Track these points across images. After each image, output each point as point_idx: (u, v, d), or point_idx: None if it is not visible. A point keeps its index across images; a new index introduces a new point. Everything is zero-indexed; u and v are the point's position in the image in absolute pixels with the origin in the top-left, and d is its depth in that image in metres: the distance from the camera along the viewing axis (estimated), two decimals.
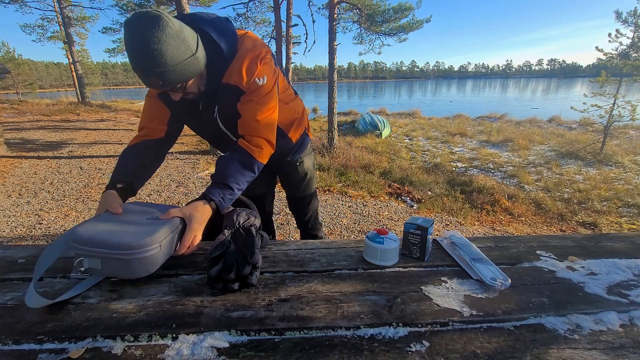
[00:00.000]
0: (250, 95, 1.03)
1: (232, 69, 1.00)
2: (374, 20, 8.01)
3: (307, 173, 1.48)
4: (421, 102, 27.18)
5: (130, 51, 0.82)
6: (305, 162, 1.46)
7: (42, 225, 3.25)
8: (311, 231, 1.62)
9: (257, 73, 1.01)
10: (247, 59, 0.99)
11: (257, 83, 1.02)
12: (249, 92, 1.03)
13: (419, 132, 10.07)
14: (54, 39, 15.08)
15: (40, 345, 0.61)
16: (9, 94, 22.35)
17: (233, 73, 1.00)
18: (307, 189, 1.51)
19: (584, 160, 6.63)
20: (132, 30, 0.81)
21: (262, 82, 1.02)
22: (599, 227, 3.75)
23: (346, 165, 5.75)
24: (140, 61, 0.83)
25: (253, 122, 1.04)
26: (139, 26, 0.80)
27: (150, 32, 0.79)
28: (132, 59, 0.84)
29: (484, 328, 0.66)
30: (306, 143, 1.44)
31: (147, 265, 0.77)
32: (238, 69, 1.00)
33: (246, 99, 1.03)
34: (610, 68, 7.51)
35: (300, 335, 0.64)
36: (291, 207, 1.61)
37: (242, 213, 0.99)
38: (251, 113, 1.03)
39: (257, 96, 1.03)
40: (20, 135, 7.75)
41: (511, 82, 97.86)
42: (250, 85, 1.02)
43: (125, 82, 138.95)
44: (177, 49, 0.83)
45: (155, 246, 0.77)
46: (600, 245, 1.04)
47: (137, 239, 0.75)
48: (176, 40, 0.83)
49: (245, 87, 1.02)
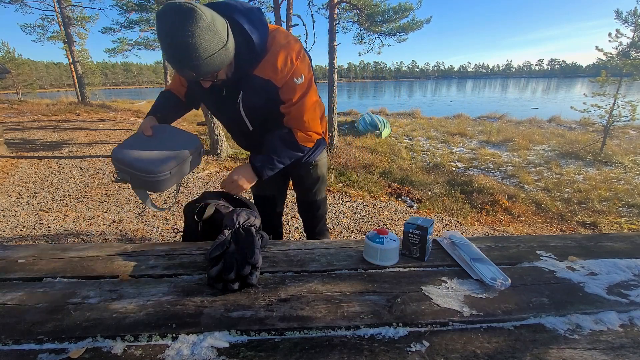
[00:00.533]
0: (290, 94, 1.05)
1: (265, 62, 1.01)
2: (374, 20, 8.01)
3: (319, 177, 1.47)
4: (421, 102, 27.17)
5: (164, 44, 0.83)
6: (319, 166, 1.44)
7: (42, 225, 3.25)
8: (317, 236, 1.61)
9: (294, 72, 1.02)
10: (281, 54, 1.00)
11: (296, 82, 1.04)
12: (286, 91, 1.05)
13: (419, 132, 10.07)
14: (54, 39, 15.06)
15: (40, 345, 0.61)
16: (9, 94, 22.35)
17: (266, 67, 1.01)
18: (318, 193, 1.51)
19: (584, 160, 6.63)
20: (165, 23, 0.81)
21: (300, 80, 1.04)
22: (599, 227, 3.75)
23: (346, 165, 5.75)
24: (175, 54, 0.84)
25: (298, 122, 1.10)
26: (173, 19, 0.80)
27: (183, 26, 0.79)
28: (165, 51, 0.85)
29: (484, 328, 0.66)
30: (322, 146, 1.42)
31: (161, 185, 1.00)
32: (272, 63, 1.00)
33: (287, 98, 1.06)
34: (610, 68, 7.50)
35: (300, 335, 0.64)
36: (300, 210, 1.60)
37: (242, 213, 0.99)
38: (296, 113, 1.09)
39: (298, 96, 1.06)
40: (20, 135, 7.75)
41: (511, 82, 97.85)
42: (287, 83, 1.03)
43: (125, 82, 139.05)
44: (210, 42, 0.84)
45: (166, 173, 0.98)
46: (600, 245, 1.04)
47: (153, 166, 0.96)
48: (209, 33, 0.83)
49: (280, 83, 1.03)
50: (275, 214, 1.61)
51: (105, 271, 0.86)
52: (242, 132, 1.23)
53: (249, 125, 1.17)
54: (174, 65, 0.87)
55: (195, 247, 1.00)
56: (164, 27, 0.82)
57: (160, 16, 0.81)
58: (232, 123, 1.22)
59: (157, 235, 3.09)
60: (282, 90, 1.05)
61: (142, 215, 3.51)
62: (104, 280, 0.82)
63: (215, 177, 4.96)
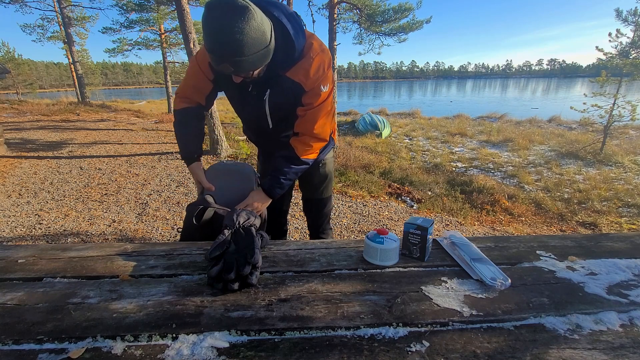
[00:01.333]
0: (312, 99, 1.08)
1: (299, 66, 1.03)
2: (374, 21, 8.02)
3: (327, 175, 1.48)
4: (421, 102, 27.16)
5: (210, 35, 0.83)
6: (327, 165, 1.46)
7: (42, 225, 3.25)
8: (321, 234, 1.62)
9: (323, 80, 1.05)
10: (316, 61, 1.02)
11: (322, 90, 1.07)
12: (311, 96, 1.08)
13: (419, 132, 10.06)
14: (54, 39, 15.06)
15: (40, 345, 0.61)
16: (9, 94, 22.34)
17: (299, 71, 1.03)
18: (325, 192, 1.52)
19: (584, 160, 6.63)
20: (215, 15, 0.80)
21: (326, 89, 1.08)
22: (599, 227, 3.75)
23: (346, 165, 5.75)
24: (219, 48, 0.84)
25: (310, 125, 1.13)
26: (224, 13, 0.80)
27: (234, 22, 0.79)
28: (210, 43, 0.84)
29: (484, 328, 0.66)
30: (330, 146, 1.43)
31: None
32: (306, 69, 1.02)
33: (308, 102, 1.09)
34: (610, 68, 7.49)
35: (300, 335, 0.64)
36: (305, 209, 1.61)
37: (242, 213, 0.99)
38: (311, 117, 1.11)
39: (319, 102, 1.09)
40: (20, 135, 7.75)
41: (511, 82, 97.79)
42: (314, 89, 1.06)
43: (125, 82, 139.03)
44: (256, 41, 0.85)
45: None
46: (600, 245, 1.04)
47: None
48: (257, 32, 0.83)
49: (308, 87, 1.06)
50: (282, 212, 1.64)
51: (105, 271, 0.86)
52: (261, 128, 1.24)
53: (269, 122, 1.20)
54: (214, 57, 0.87)
55: (195, 247, 1.00)
56: (214, 19, 0.81)
57: (212, 7, 0.80)
58: (254, 118, 1.23)
59: (157, 235, 3.09)
60: (308, 94, 1.08)
61: (142, 215, 3.51)
62: (104, 280, 0.82)
63: None
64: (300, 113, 1.13)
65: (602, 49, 7.42)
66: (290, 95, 1.09)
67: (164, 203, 3.83)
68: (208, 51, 0.86)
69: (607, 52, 7.45)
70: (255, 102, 1.14)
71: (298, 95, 1.09)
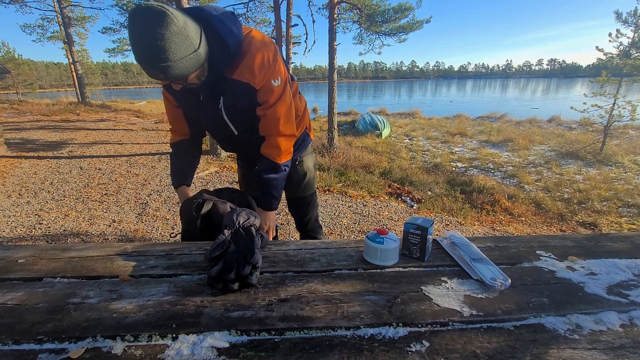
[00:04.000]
0: (267, 96, 1.07)
1: (243, 66, 1.01)
2: (374, 21, 8.02)
3: (306, 173, 1.46)
4: (421, 102, 27.16)
5: (134, 45, 0.83)
6: (305, 162, 1.44)
7: (42, 225, 3.25)
8: (310, 233, 1.60)
9: (271, 74, 1.04)
10: (258, 57, 1.01)
11: (273, 85, 1.06)
12: (264, 93, 1.06)
13: (419, 132, 10.07)
14: (54, 39, 15.07)
15: (40, 345, 0.61)
16: (9, 94, 22.34)
17: (244, 70, 1.02)
18: (306, 190, 1.50)
19: (584, 160, 6.63)
20: (136, 25, 0.81)
21: (277, 83, 1.06)
22: (599, 227, 3.75)
23: (346, 165, 5.75)
24: (144, 55, 0.84)
25: (274, 124, 1.13)
26: (144, 21, 0.80)
27: (154, 29, 0.79)
28: (135, 52, 0.84)
29: (484, 328, 0.66)
30: (306, 142, 1.43)
31: None
32: (250, 66, 1.01)
33: (264, 100, 1.08)
34: (610, 68, 7.49)
35: (300, 335, 0.64)
36: (290, 209, 1.59)
37: (242, 213, 0.99)
38: (273, 115, 1.10)
39: (274, 98, 1.08)
40: (20, 135, 7.75)
41: (511, 82, 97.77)
42: (264, 85, 1.05)
43: (125, 82, 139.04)
44: (180, 46, 0.84)
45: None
46: (600, 245, 1.04)
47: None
48: (180, 37, 0.83)
49: (258, 85, 1.04)
50: None
51: (105, 271, 0.86)
52: (228, 137, 1.23)
53: (233, 130, 1.18)
54: (143, 66, 0.87)
55: (195, 247, 1.00)
56: (134, 28, 0.81)
57: (132, 17, 0.81)
58: (216, 129, 1.22)
59: (157, 235, 3.09)
60: (260, 92, 1.07)
61: (142, 215, 3.51)
62: (104, 280, 0.82)
63: (215, 177, 4.96)
64: (260, 113, 1.12)
65: (602, 49, 7.43)
66: (244, 97, 1.07)
67: (164, 203, 3.83)
68: (137, 61, 0.86)
69: (607, 52, 7.45)
70: (212, 112, 1.12)
71: (252, 96, 1.08)
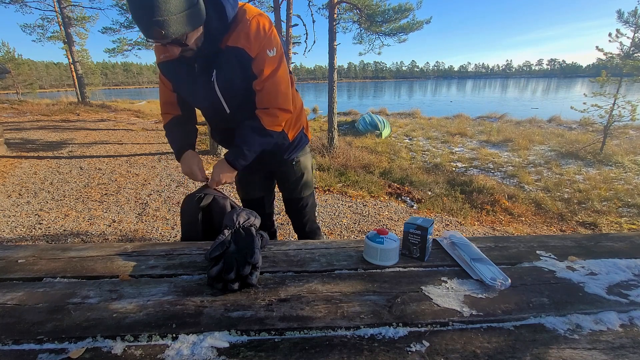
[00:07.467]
0: (262, 66, 1.05)
1: (238, 32, 1.01)
2: (374, 21, 8.01)
3: (303, 173, 1.45)
4: (421, 102, 27.15)
5: (131, 3, 0.82)
6: (302, 162, 1.43)
7: (42, 225, 3.25)
8: (308, 235, 1.58)
9: (266, 44, 1.03)
10: (254, 23, 1.00)
11: (269, 54, 1.04)
12: (259, 62, 1.05)
13: (419, 132, 10.06)
14: (54, 39, 15.05)
15: (40, 345, 0.61)
16: (9, 94, 22.32)
17: (240, 36, 1.01)
18: (303, 190, 1.48)
19: (584, 160, 6.63)
20: None
21: (273, 53, 1.05)
22: (599, 227, 3.75)
23: (346, 165, 5.75)
24: (142, 10, 0.82)
25: (273, 96, 1.10)
26: None
27: None
28: (133, 8, 0.83)
29: (484, 328, 0.66)
30: (303, 142, 1.41)
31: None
32: (246, 32, 1.00)
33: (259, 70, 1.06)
34: (610, 68, 7.49)
35: (300, 335, 0.64)
36: (287, 209, 1.57)
37: (242, 213, 0.99)
38: (272, 88, 1.09)
39: (271, 70, 1.06)
40: (20, 135, 7.74)
41: (511, 82, 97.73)
42: (260, 54, 1.03)
43: (125, 82, 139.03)
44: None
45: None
46: (600, 245, 1.04)
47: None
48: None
49: (254, 53, 1.03)
50: (265, 216, 1.58)
51: (105, 271, 0.86)
52: (220, 117, 1.19)
53: (226, 108, 1.14)
54: (142, 26, 0.85)
55: (195, 247, 1.00)
56: None
57: None
58: (209, 106, 1.18)
59: (157, 235, 3.09)
60: (255, 61, 1.04)
61: (142, 215, 3.51)
62: (104, 280, 0.82)
63: None
64: (257, 87, 1.09)
65: (602, 49, 7.43)
66: (237, 67, 1.04)
67: (164, 203, 3.83)
68: (135, 20, 0.85)
69: (607, 52, 7.45)
70: (205, 87, 1.09)
71: (246, 66, 1.05)
